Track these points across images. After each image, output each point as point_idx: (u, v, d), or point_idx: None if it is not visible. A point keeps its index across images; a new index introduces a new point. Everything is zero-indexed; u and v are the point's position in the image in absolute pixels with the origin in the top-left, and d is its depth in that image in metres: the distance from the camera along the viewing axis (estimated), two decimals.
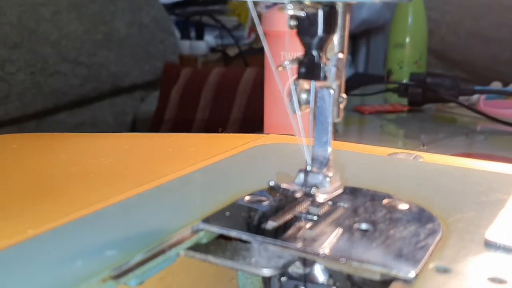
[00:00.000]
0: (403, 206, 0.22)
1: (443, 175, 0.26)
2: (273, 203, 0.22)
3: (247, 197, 0.22)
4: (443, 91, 0.70)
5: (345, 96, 0.21)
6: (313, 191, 0.20)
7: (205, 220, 0.20)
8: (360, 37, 1.33)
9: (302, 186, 0.21)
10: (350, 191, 0.23)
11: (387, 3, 1.09)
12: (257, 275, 0.23)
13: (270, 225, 0.20)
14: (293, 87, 0.20)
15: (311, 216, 0.20)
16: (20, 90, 0.93)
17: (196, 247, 0.19)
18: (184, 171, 0.26)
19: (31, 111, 0.95)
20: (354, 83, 0.95)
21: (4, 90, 0.90)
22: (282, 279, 0.21)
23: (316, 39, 0.19)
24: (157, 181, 0.24)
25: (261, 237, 0.19)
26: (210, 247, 0.19)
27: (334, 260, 0.18)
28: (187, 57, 1.26)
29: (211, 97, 0.99)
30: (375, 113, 0.74)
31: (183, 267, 0.22)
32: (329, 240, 0.19)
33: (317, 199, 0.20)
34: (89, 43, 1.01)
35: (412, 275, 0.16)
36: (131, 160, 0.30)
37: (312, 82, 0.20)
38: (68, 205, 0.22)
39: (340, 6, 0.19)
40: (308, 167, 0.21)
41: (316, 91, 0.20)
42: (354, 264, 0.17)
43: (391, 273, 0.17)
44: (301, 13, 0.18)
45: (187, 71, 1.06)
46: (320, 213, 0.20)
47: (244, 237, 0.19)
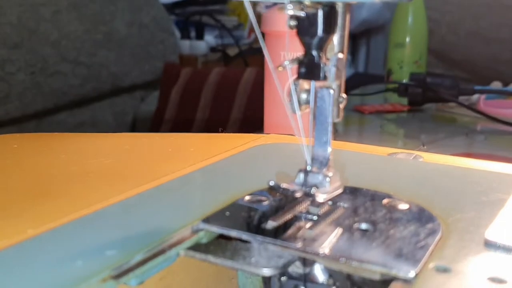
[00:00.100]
0: (403, 206, 0.22)
1: (443, 175, 0.26)
2: (273, 203, 0.22)
3: (247, 197, 0.22)
4: (443, 91, 0.70)
5: (345, 96, 0.21)
6: (313, 191, 0.20)
7: (205, 220, 0.20)
8: (360, 37, 1.33)
9: (302, 186, 0.21)
10: (350, 191, 0.23)
11: (387, 3, 1.09)
12: (257, 274, 0.23)
13: (270, 225, 0.20)
14: (293, 87, 0.20)
15: (311, 216, 0.20)
16: (20, 90, 0.93)
17: (196, 247, 0.19)
18: (184, 171, 0.26)
19: (31, 111, 0.95)
20: (354, 83, 0.95)
21: (4, 90, 0.90)
22: (282, 278, 0.21)
23: (316, 39, 0.19)
24: (157, 181, 0.24)
25: (261, 237, 0.19)
26: (210, 247, 0.19)
27: (334, 260, 0.18)
28: (187, 57, 1.26)
29: (211, 97, 0.99)
30: (375, 113, 0.74)
31: (183, 267, 0.22)
32: (329, 240, 0.19)
33: (317, 199, 0.20)
34: (89, 43, 1.01)
35: (412, 274, 0.17)
36: (131, 160, 0.30)
37: (312, 82, 0.20)
38: (68, 205, 0.22)
39: (340, 6, 0.19)
40: (308, 167, 0.21)
41: (316, 91, 0.20)
42: (354, 264, 0.17)
43: (391, 272, 0.17)
44: (301, 13, 0.18)
45: (187, 71, 1.06)
46: (320, 213, 0.20)
47: (244, 237, 0.19)
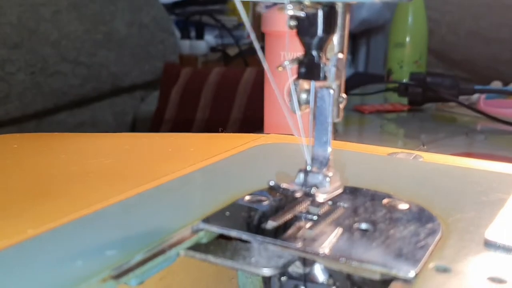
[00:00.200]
0: (403, 206, 0.22)
1: (443, 175, 0.26)
2: (273, 203, 0.22)
3: (247, 197, 0.22)
4: (443, 90, 0.70)
5: (345, 96, 0.21)
6: (313, 191, 0.20)
7: (205, 220, 0.20)
8: (360, 36, 1.33)
9: (302, 186, 0.21)
10: (350, 191, 0.23)
11: (387, 3, 1.09)
12: (257, 274, 0.23)
13: (270, 225, 0.20)
14: (293, 87, 0.20)
15: (311, 216, 0.20)
16: (20, 90, 0.93)
17: (196, 247, 0.19)
18: (184, 171, 0.26)
19: (31, 111, 0.95)
20: (354, 82, 0.95)
21: (4, 90, 0.90)
22: (282, 278, 0.21)
23: (316, 39, 0.19)
24: (157, 181, 0.24)
25: (261, 237, 0.19)
26: (210, 247, 0.19)
27: (334, 260, 0.18)
28: (187, 56, 1.26)
29: (211, 97, 0.99)
30: (375, 113, 0.74)
31: (183, 267, 0.22)
32: (329, 240, 0.19)
33: (317, 199, 0.20)
34: (89, 43, 1.01)
35: (412, 274, 0.17)
36: (131, 160, 0.30)
37: (312, 82, 0.20)
38: (68, 205, 0.22)
39: (340, 6, 0.19)
40: (308, 167, 0.21)
41: (316, 91, 0.20)
42: (354, 263, 0.17)
43: (391, 272, 0.17)
44: (300, 13, 0.18)
45: (187, 71, 1.06)
46: (320, 213, 0.20)
47: (244, 237, 0.19)
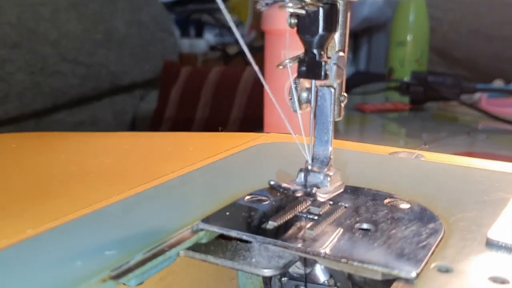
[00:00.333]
0: (404, 206, 0.21)
1: (445, 174, 0.26)
2: (273, 202, 0.21)
3: (247, 197, 0.22)
4: (444, 89, 0.70)
5: (346, 95, 0.21)
6: (314, 191, 0.20)
7: (205, 220, 0.20)
8: (361, 35, 1.32)
9: (303, 185, 0.20)
10: (351, 191, 0.23)
11: (388, 0, 1.09)
12: (258, 275, 0.22)
13: (271, 225, 0.19)
14: (293, 85, 0.20)
15: (312, 216, 0.20)
16: (19, 89, 0.92)
17: (196, 247, 0.19)
18: (184, 170, 0.26)
19: (31, 110, 0.95)
20: (356, 81, 0.95)
21: (3, 90, 0.90)
22: (283, 279, 0.21)
23: (317, 37, 0.19)
24: (156, 180, 0.24)
25: (261, 237, 0.19)
26: (210, 247, 0.19)
27: (335, 260, 0.17)
28: (187, 55, 1.26)
29: (211, 95, 0.99)
30: (377, 112, 0.74)
31: (183, 267, 0.22)
32: (330, 240, 0.18)
33: (318, 198, 0.20)
34: (89, 43, 1.01)
35: (413, 275, 0.16)
36: (131, 160, 0.29)
37: (313, 80, 0.20)
38: (68, 205, 0.22)
39: (341, 4, 0.19)
40: (309, 166, 0.21)
41: (316, 89, 0.20)
42: (355, 264, 0.17)
43: (393, 273, 0.17)
44: (301, 11, 0.18)
45: (187, 69, 1.06)
46: (321, 212, 0.20)
47: (245, 237, 0.19)
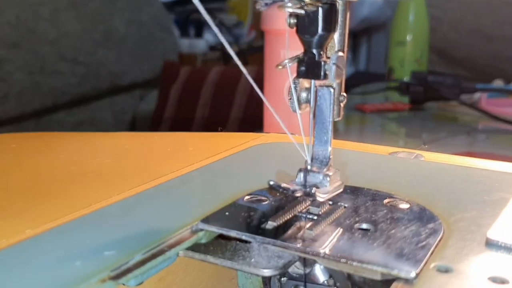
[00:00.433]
0: (404, 206, 0.21)
1: (444, 174, 0.26)
2: (273, 202, 0.21)
3: (246, 197, 0.22)
4: (444, 89, 0.70)
5: (345, 94, 0.21)
6: (313, 191, 0.20)
7: (204, 220, 0.20)
8: (361, 35, 1.32)
9: (302, 185, 0.20)
10: (350, 191, 0.23)
11: (388, 0, 1.09)
12: (257, 275, 0.22)
13: (270, 225, 0.19)
14: (293, 85, 0.20)
15: (311, 216, 0.20)
16: (19, 89, 0.92)
17: (195, 247, 0.19)
18: (183, 170, 0.26)
19: (30, 110, 0.95)
20: (355, 81, 0.95)
21: (3, 90, 0.90)
22: (282, 279, 0.21)
23: (316, 37, 0.19)
24: (156, 180, 0.24)
25: (261, 237, 0.19)
26: (209, 247, 0.19)
27: (335, 260, 0.17)
28: (186, 55, 1.26)
29: (211, 95, 0.99)
30: (376, 112, 0.74)
31: (182, 267, 0.22)
32: (329, 240, 0.18)
33: (317, 198, 0.20)
34: (88, 42, 1.01)
35: (413, 275, 0.16)
36: (131, 160, 0.29)
37: (312, 80, 0.20)
38: (68, 205, 0.22)
39: (340, 4, 0.19)
40: (308, 166, 0.21)
41: (316, 89, 0.20)
42: (355, 264, 0.17)
43: (392, 273, 0.17)
44: (300, 11, 0.18)
45: (187, 69, 1.06)
46: (320, 212, 0.20)
47: (244, 237, 0.19)
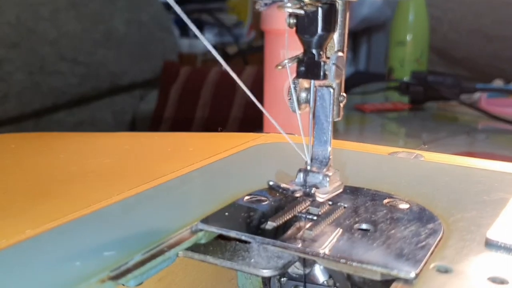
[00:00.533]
0: (403, 206, 0.21)
1: (444, 174, 0.26)
2: (272, 203, 0.21)
3: (246, 197, 0.22)
4: (444, 89, 0.70)
5: (345, 95, 0.21)
6: (313, 191, 0.20)
7: (204, 220, 0.20)
8: (361, 34, 1.32)
9: (302, 185, 0.20)
10: (350, 191, 0.23)
11: (388, 0, 1.08)
12: (257, 275, 0.22)
13: (270, 225, 0.19)
14: (292, 86, 0.20)
15: (311, 216, 0.20)
16: (18, 89, 0.92)
17: (195, 248, 0.19)
18: (183, 170, 0.26)
19: (30, 110, 0.95)
20: (355, 81, 0.95)
21: (3, 90, 0.90)
22: (282, 279, 0.21)
23: (316, 37, 0.19)
24: (156, 181, 0.24)
25: (260, 237, 0.19)
26: (209, 248, 0.19)
27: (334, 261, 0.17)
28: (186, 55, 1.26)
29: (211, 95, 0.99)
30: (376, 112, 0.74)
31: (182, 267, 0.22)
32: (329, 240, 0.18)
33: (317, 199, 0.20)
34: (88, 42, 1.01)
35: (412, 275, 0.16)
36: (131, 160, 0.29)
37: (312, 80, 0.20)
38: (68, 205, 0.22)
39: (339, 4, 0.19)
40: (308, 167, 0.21)
41: (315, 89, 0.20)
42: (355, 264, 0.17)
43: (392, 273, 0.17)
44: (300, 11, 0.18)
45: (187, 69, 1.06)
46: (320, 213, 0.20)
47: (244, 237, 0.19)
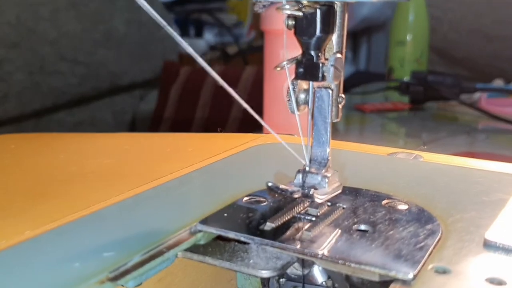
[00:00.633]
0: (402, 207, 0.21)
1: (443, 175, 0.26)
2: (271, 204, 0.21)
3: (245, 198, 0.22)
4: (444, 89, 0.70)
5: (343, 96, 0.21)
6: (311, 192, 0.20)
7: (203, 221, 0.20)
8: (361, 34, 1.32)
9: (301, 186, 0.20)
10: (349, 192, 0.23)
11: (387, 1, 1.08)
12: (256, 276, 0.22)
13: (269, 226, 0.19)
14: (291, 87, 0.20)
15: (309, 217, 0.20)
16: (18, 89, 0.92)
17: (194, 249, 0.19)
18: (182, 171, 0.26)
19: (30, 110, 0.95)
20: (355, 81, 0.95)
21: (3, 90, 0.90)
22: (281, 280, 0.21)
23: (314, 39, 0.19)
24: (155, 181, 0.24)
25: (259, 238, 0.19)
26: (208, 248, 0.19)
27: (333, 262, 0.17)
28: (186, 55, 1.26)
29: (211, 95, 0.99)
30: (376, 112, 0.74)
31: (181, 268, 0.22)
32: (327, 241, 0.18)
33: (316, 200, 0.20)
34: (88, 42, 1.01)
35: (410, 276, 0.16)
36: (130, 161, 0.29)
37: (311, 82, 0.20)
38: (67, 206, 0.22)
39: (338, 6, 0.19)
40: (307, 168, 0.21)
41: (314, 91, 0.20)
42: (353, 265, 0.17)
43: (390, 274, 0.17)
44: (298, 13, 0.18)
45: (187, 69, 1.06)
46: (318, 214, 0.20)
47: (242, 238, 0.19)
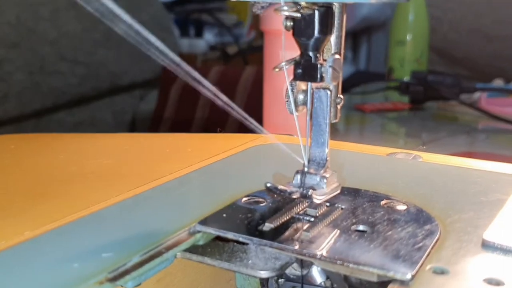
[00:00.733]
0: (401, 207, 0.21)
1: (442, 175, 0.26)
2: (270, 204, 0.22)
3: (244, 198, 0.22)
4: (444, 89, 0.70)
5: (342, 96, 0.21)
6: (310, 193, 0.20)
7: (202, 222, 0.20)
8: (361, 34, 1.32)
9: (299, 187, 0.20)
10: (348, 192, 0.23)
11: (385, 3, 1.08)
12: (255, 277, 0.22)
13: (267, 227, 0.19)
14: (290, 88, 0.20)
15: (308, 218, 0.20)
16: (18, 89, 0.92)
17: (193, 249, 0.19)
18: (182, 172, 0.26)
19: (30, 110, 0.95)
20: (355, 81, 0.95)
21: (2, 90, 0.90)
22: (279, 280, 0.21)
23: (313, 40, 0.19)
24: (155, 182, 0.24)
25: (258, 239, 0.19)
26: (207, 249, 0.19)
27: (331, 262, 0.18)
28: (186, 55, 1.26)
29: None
30: (376, 112, 0.74)
31: (180, 269, 0.22)
32: (326, 241, 0.19)
33: (314, 200, 0.20)
34: (88, 42, 1.01)
35: (409, 276, 0.16)
36: (130, 161, 0.30)
37: (309, 83, 0.20)
38: (67, 206, 0.22)
39: (336, 7, 0.19)
40: (305, 168, 0.21)
41: (313, 91, 0.20)
42: (351, 266, 0.17)
43: (388, 274, 0.17)
44: (296, 14, 0.18)
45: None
46: (317, 214, 0.20)
47: (241, 239, 0.19)
